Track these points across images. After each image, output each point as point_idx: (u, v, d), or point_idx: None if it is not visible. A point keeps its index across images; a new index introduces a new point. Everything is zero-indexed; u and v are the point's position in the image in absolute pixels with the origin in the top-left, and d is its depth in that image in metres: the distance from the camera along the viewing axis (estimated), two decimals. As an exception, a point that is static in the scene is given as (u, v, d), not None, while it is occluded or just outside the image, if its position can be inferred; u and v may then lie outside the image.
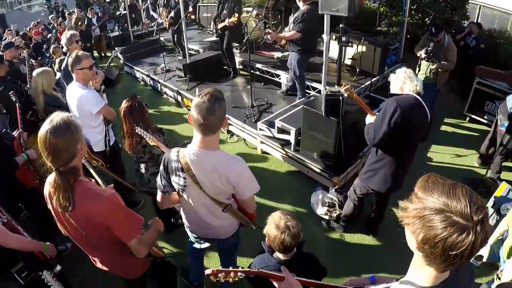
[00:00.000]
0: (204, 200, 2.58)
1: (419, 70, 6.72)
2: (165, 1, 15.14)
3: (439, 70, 6.34)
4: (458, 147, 6.59)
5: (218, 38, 8.44)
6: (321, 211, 4.77)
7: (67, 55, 5.36)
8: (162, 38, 11.70)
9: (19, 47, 9.03)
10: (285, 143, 5.80)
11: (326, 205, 4.78)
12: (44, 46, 11.06)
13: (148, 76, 9.82)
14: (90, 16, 13.65)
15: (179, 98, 8.43)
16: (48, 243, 3.02)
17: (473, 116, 7.34)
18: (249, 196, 2.60)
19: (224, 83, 8.49)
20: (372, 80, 7.33)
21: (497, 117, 5.62)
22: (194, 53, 10.04)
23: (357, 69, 7.80)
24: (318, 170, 5.32)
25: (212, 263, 4.25)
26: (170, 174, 2.55)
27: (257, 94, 7.21)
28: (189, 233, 3.09)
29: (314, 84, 7.28)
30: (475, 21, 9.75)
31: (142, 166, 4.08)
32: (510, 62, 8.35)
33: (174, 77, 9.00)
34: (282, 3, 9.69)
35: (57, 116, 2.06)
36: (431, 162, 6.14)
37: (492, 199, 4.56)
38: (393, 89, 3.66)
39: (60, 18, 15.52)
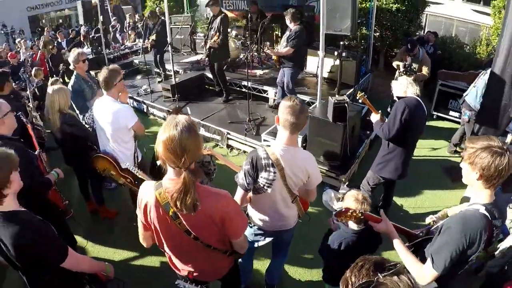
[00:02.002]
0: (283, 192, 3.02)
1: (396, 79, 7.65)
2: (132, 24, 15.40)
3: (416, 80, 7.32)
4: (431, 140, 7.63)
5: (207, 60, 8.75)
6: (337, 206, 5.44)
7: (74, 73, 5.59)
8: (136, 61, 12.05)
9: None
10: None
11: (340, 200, 5.49)
12: (22, 69, 10.89)
13: (131, 98, 9.87)
14: (59, 40, 13.51)
15: (169, 117, 8.76)
16: (107, 263, 3.01)
17: (439, 114, 8.51)
18: (315, 186, 3.12)
19: (213, 101, 8.98)
20: (351, 90, 8.21)
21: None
22: (171, 73, 10.10)
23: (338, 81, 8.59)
24: (325, 171, 5.93)
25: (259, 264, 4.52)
26: (259, 171, 2.87)
27: (246, 110, 7.74)
28: (249, 231, 3.43)
29: (301, 97, 7.97)
30: (423, 29, 10.98)
31: None
32: (463, 64, 9.69)
33: (160, 98, 9.28)
34: (255, 23, 10.35)
35: (181, 118, 2.08)
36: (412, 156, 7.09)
37: None
38: (398, 93, 4.48)
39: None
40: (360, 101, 4.64)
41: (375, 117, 4.64)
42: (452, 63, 9.80)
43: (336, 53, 8.13)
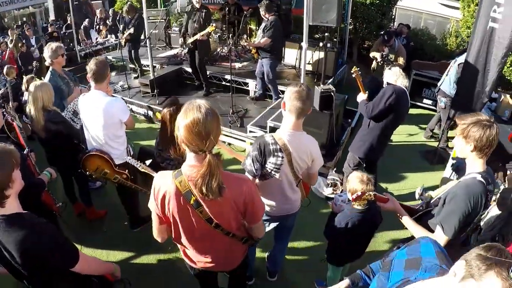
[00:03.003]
0: (290, 176, 3.11)
1: (373, 71, 7.94)
2: (103, 20, 15.07)
3: None
4: (407, 126, 7.98)
5: (188, 54, 8.64)
6: (327, 191, 5.61)
7: (50, 69, 5.20)
8: (109, 57, 11.83)
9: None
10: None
11: (330, 186, 5.65)
12: None
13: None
14: (28, 35, 12.94)
15: (150, 113, 8.66)
16: (113, 263, 2.90)
17: (414, 102, 8.79)
18: (317, 169, 3.24)
19: (193, 95, 8.99)
20: (331, 80, 8.41)
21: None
22: (148, 69, 10.03)
23: (316, 73, 8.84)
24: (312, 159, 6.11)
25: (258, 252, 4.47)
26: (267, 157, 2.93)
27: (228, 103, 7.84)
28: None
29: (281, 88, 8.07)
30: (393, 22, 11.34)
31: None
32: (434, 54, 10.14)
33: (138, 94, 9.16)
34: (233, 16, 10.42)
35: (202, 103, 2.07)
36: (390, 141, 7.36)
37: (450, 161, 5.80)
38: (389, 80, 4.70)
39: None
40: (353, 75, 4.84)
41: (361, 96, 4.87)
42: (425, 54, 10.26)
43: (320, 45, 8.39)
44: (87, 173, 4.28)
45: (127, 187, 4.39)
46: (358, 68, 4.79)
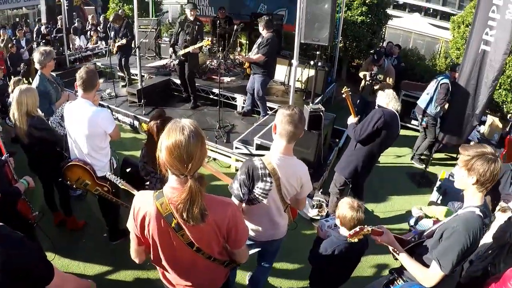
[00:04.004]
0: (278, 201, 3.01)
1: (362, 91, 7.94)
2: (95, 26, 14.95)
3: (382, 89, 7.66)
4: (395, 148, 7.90)
5: (178, 65, 8.54)
6: (312, 213, 5.51)
7: (39, 73, 5.11)
8: (98, 63, 11.73)
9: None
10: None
11: (315, 207, 5.56)
12: None
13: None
14: (20, 38, 12.82)
15: (136, 123, 8.54)
16: (90, 280, 2.64)
17: (402, 123, 8.68)
18: (306, 195, 3.16)
19: (180, 107, 8.90)
20: (319, 98, 8.36)
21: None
22: (136, 78, 9.98)
23: (305, 90, 8.83)
24: (298, 179, 6.04)
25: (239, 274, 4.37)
26: (255, 181, 2.84)
27: (215, 117, 7.74)
28: None
29: (270, 104, 8.08)
30: (383, 41, 11.46)
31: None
32: (424, 75, 10.21)
33: (125, 103, 9.05)
34: (223, 29, 10.37)
35: (187, 122, 1.99)
36: (378, 162, 7.33)
37: (438, 183, 5.81)
38: (381, 103, 4.71)
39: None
40: (343, 96, 4.76)
41: (351, 119, 4.85)
42: (415, 74, 10.32)
43: (310, 63, 8.40)
44: (68, 183, 4.16)
45: (107, 199, 4.28)
46: (349, 89, 4.73)
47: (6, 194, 3.23)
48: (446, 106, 6.84)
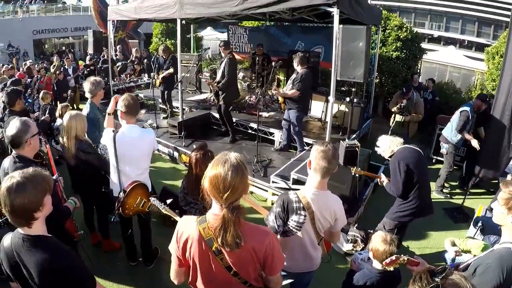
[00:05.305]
0: (311, 234, 3.12)
1: (393, 122, 8.11)
2: (138, 59, 15.61)
3: (411, 121, 7.82)
4: (431, 183, 7.82)
5: (215, 99, 8.91)
6: (346, 247, 5.62)
7: (89, 102, 5.47)
8: (141, 95, 12.24)
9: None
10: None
11: (349, 242, 5.67)
12: (29, 90, 10.79)
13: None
14: (66, 66, 13.42)
15: (176, 154, 8.84)
16: None
17: (439, 158, 8.84)
18: (340, 228, 3.27)
19: (219, 141, 9.20)
20: (355, 134, 8.54)
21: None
22: (177, 111, 10.39)
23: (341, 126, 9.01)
24: (333, 214, 6.16)
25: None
26: (290, 214, 2.97)
27: (253, 151, 7.97)
28: None
29: (306, 140, 8.25)
30: (418, 75, 11.57)
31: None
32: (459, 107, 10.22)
33: (166, 134, 9.43)
34: (262, 66, 10.80)
35: (232, 156, 2.17)
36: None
37: (475, 218, 5.74)
38: (386, 155, 4.81)
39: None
40: (356, 175, 5.03)
41: (380, 182, 4.96)
42: (450, 108, 10.29)
43: (346, 99, 8.63)
44: (126, 212, 4.31)
45: (148, 222, 4.58)
46: (359, 168, 4.99)
47: (58, 212, 3.35)
48: (472, 142, 6.86)
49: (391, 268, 3.04)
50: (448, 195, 7.59)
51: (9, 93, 6.14)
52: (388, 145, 4.74)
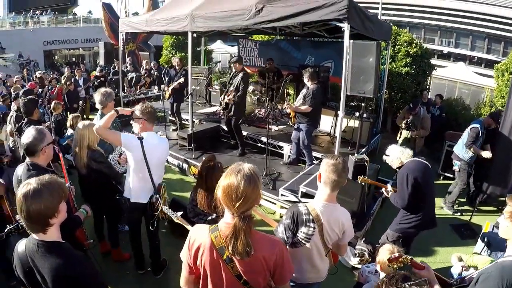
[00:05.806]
0: (319, 246, 3.15)
1: (400, 137, 8.14)
2: (148, 71, 15.77)
3: (417, 136, 7.87)
4: (438, 199, 7.72)
5: (225, 112, 8.92)
6: (354, 261, 5.61)
7: (99, 113, 5.43)
8: (151, 107, 12.35)
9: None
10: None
11: (357, 255, 5.67)
12: (40, 100, 10.81)
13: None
14: (77, 77, 13.50)
15: (185, 166, 8.90)
16: None
17: (447, 174, 8.83)
18: (347, 241, 3.30)
19: (228, 153, 9.27)
20: (364, 149, 8.55)
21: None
22: (187, 123, 10.46)
23: (350, 141, 8.99)
24: (341, 228, 6.17)
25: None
26: (299, 226, 3.02)
27: (262, 165, 7.93)
28: None
29: (315, 154, 8.26)
30: (427, 91, 11.60)
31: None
32: (468, 124, 10.22)
33: (175, 146, 9.50)
34: (272, 81, 10.91)
35: (245, 167, 2.22)
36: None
37: (482, 234, 5.74)
38: (396, 165, 4.86)
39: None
40: (363, 183, 5.04)
41: (386, 192, 4.95)
42: (459, 125, 10.30)
43: (356, 114, 8.70)
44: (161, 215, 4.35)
45: (157, 232, 4.60)
46: (366, 177, 5.00)
47: (70, 220, 3.40)
48: (482, 153, 6.83)
49: (395, 266, 3.04)
50: (457, 211, 7.54)
51: (26, 102, 6.21)
52: (397, 155, 4.79)
